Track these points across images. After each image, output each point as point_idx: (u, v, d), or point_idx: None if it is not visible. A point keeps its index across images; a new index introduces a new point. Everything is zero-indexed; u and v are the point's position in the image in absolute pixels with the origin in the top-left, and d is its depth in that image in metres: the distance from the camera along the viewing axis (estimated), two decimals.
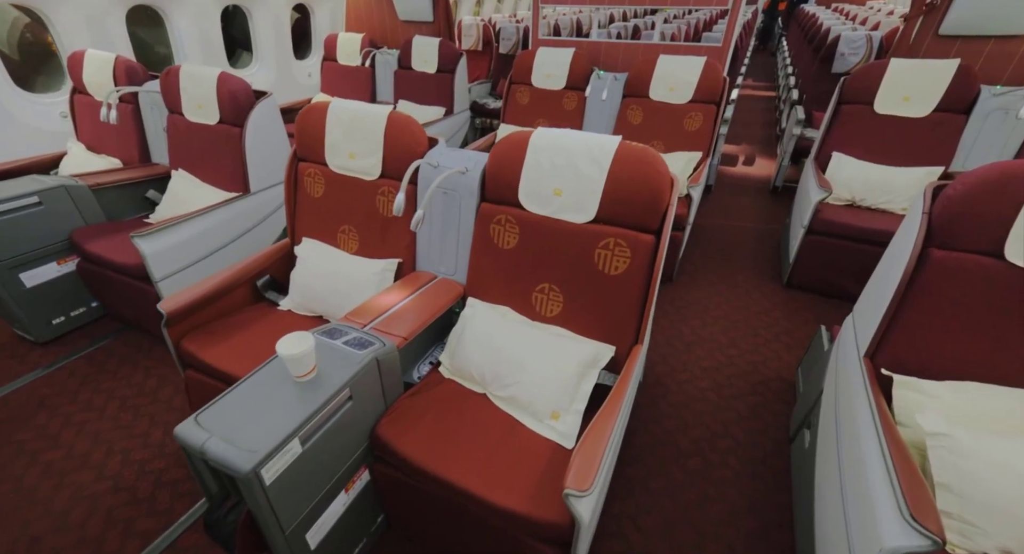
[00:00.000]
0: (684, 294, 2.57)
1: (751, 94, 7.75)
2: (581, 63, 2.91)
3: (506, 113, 3.21)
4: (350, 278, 1.59)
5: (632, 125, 2.82)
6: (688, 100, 2.67)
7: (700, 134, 2.68)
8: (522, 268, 1.43)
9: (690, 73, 2.61)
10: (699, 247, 3.03)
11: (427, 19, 3.65)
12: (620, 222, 1.28)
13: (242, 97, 2.08)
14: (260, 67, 3.68)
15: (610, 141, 1.26)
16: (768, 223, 3.36)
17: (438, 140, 1.61)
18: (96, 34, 2.61)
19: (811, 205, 2.33)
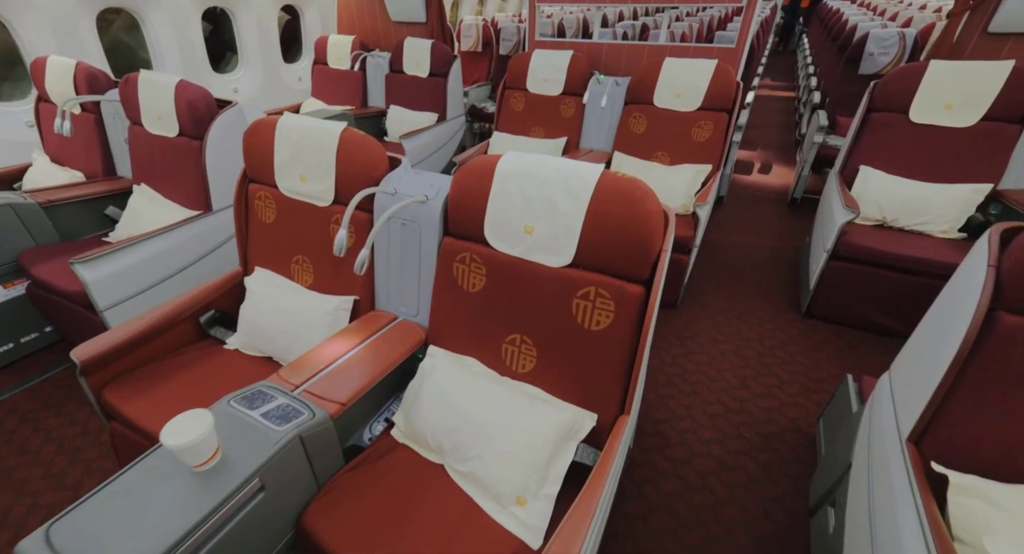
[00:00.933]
0: (689, 323, 2.33)
1: (768, 95, 7.41)
2: (580, 67, 2.68)
3: (500, 120, 3.00)
4: (300, 316, 1.40)
5: (634, 134, 2.58)
6: (697, 107, 2.42)
7: (710, 145, 2.43)
8: (490, 315, 1.21)
9: (699, 78, 2.36)
10: (708, 268, 2.78)
11: (420, 20, 3.45)
12: (603, 268, 1.06)
13: (202, 107, 1.90)
14: (246, 71, 3.52)
15: (590, 171, 1.04)
16: (785, 241, 3.08)
17: (401, 160, 1.40)
18: (63, 39, 2.46)
19: (835, 227, 2.07)
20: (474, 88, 4.26)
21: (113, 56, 2.82)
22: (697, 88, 2.38)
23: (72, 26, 2.47)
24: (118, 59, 3.32)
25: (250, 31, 3.36)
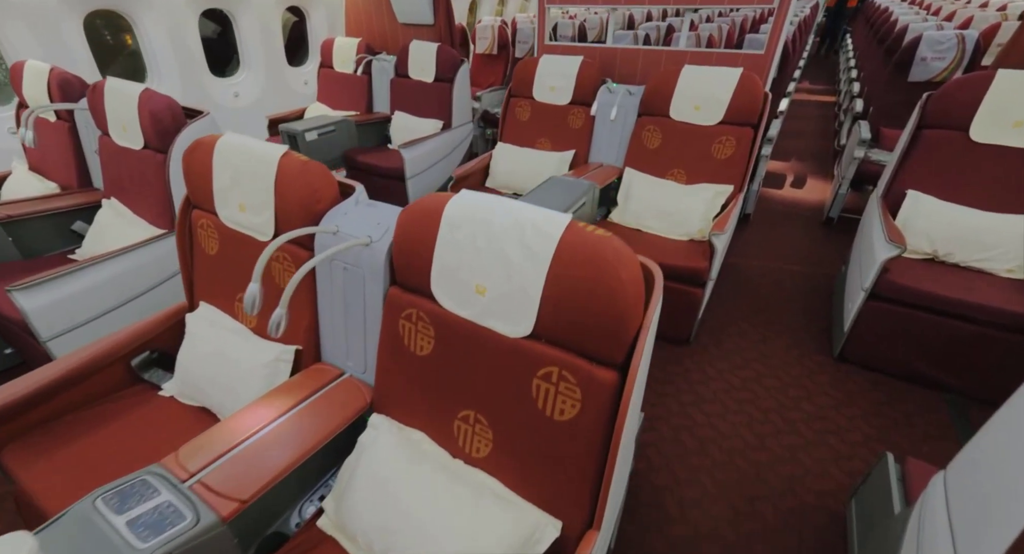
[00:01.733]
0: (702, 364, 2.06)
1: (806, 99, 6.95)
2: (590, 74, 2.43)
3: (504, 131, 2.78)
4: (236, 367, 1.22)
5: (648, 149, 2.32)
6: (718, 121, 2.15)
7: (732, 163, 2.15)
8: (440, 385, 1.00)
9: (721, 88, 2.09)
10: (727, 296, 2.49)
11: (427, 22, 3.27)
12: (568, 345, 0.83)
13: (166, 118, 1.76)
14: (247, 75, 3.41)
15: (553, 223, 0.81)
16: (818, 267, 2.76)
17: (355, 188, 1.21)
18: (47, 43, 2.37)
19: (875, 263, 1.77)
20: (488, 92, 4.06)
21: None
22: (718, 100, 2.11)
23: (56, 29, 2.38)
24: (121, 64, 3.27)
25: (251, 33, 3.25)
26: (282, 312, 0.93)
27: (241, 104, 3.39)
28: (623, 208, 2.30)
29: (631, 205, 2.26)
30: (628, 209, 2.27)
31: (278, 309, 0.93)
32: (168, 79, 2.93)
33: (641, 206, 2.23)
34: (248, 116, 3.41)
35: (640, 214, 2.23)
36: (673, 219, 2.16)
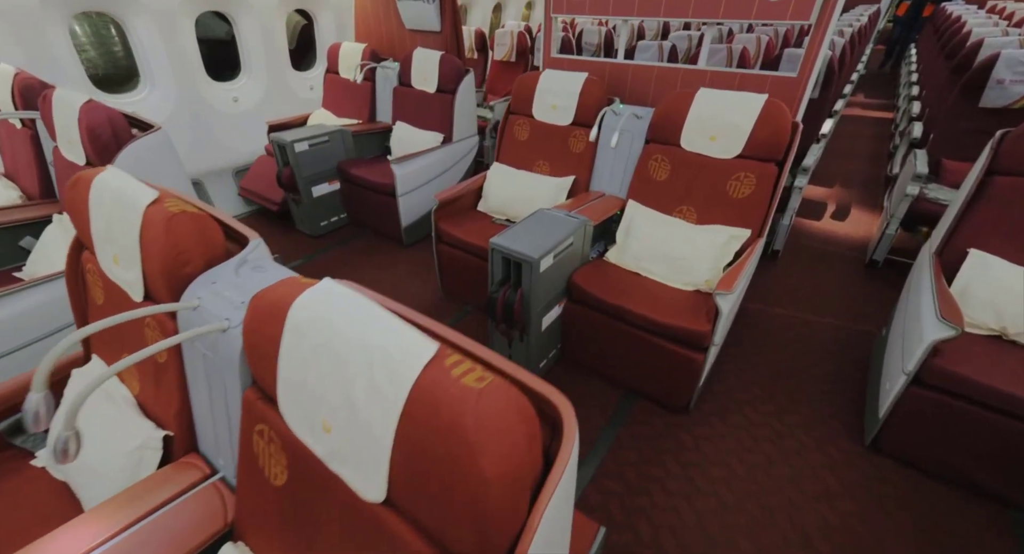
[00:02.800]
0: (701, 440, 1.75)
1: (859, 115, 6.36)
2: (595, 92, 2.15)
3: (501, 150, 2.53)
4: (101, 449, 1.02)
5: (654, 181, 2.02)
6: (736, 154, 1.83)
7: (751, 204, 1.83)
8: (296, 528, 0.76)
9: (741, 117, 1.77)
10: (742, 352, 2.16)
11: (434, 29, 3.06)
12: (428, 531, 0.57)
13: (105, 134, 1.61)
14: (247, 79, 3.29)
15: (410, 358, 0.55)
16: (855, 322, 2.38)
17: (251, 240, 0.99)
18: (28, 46, 2.29)
19: (921, 343, 1.42)
20: (503, 102, 3.82)
21: None
22: (738, 130, 1.78)
23: (40, 32, 2.30)
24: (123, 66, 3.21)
25: (252, 35, 3.12)
26: (68, 435, 0.70)
27: (241, 109, 3.27)
28: (622, 247, 2.01)
29: (631, 244, 1.97)
30: (627, 248, 1.98)
31: (62, 430, 0.70)
32: (161, 84, 2.83)
33: (642, 246, 1.93)
34: (247, 121, 3.29)
35: (640, 255, 1.93)
36: (678, 264, 1.85)
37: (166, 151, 1.77)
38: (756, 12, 1.81)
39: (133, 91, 2.82)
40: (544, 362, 1.99)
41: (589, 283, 1.82)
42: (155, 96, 2.86)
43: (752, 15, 1.82)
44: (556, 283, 1.81)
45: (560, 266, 1.78)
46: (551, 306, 1.83)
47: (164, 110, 2.89)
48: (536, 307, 1.72)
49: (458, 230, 2.23)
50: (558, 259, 1.74)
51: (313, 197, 2.99)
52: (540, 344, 1.87)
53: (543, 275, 1.67)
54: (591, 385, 1.98)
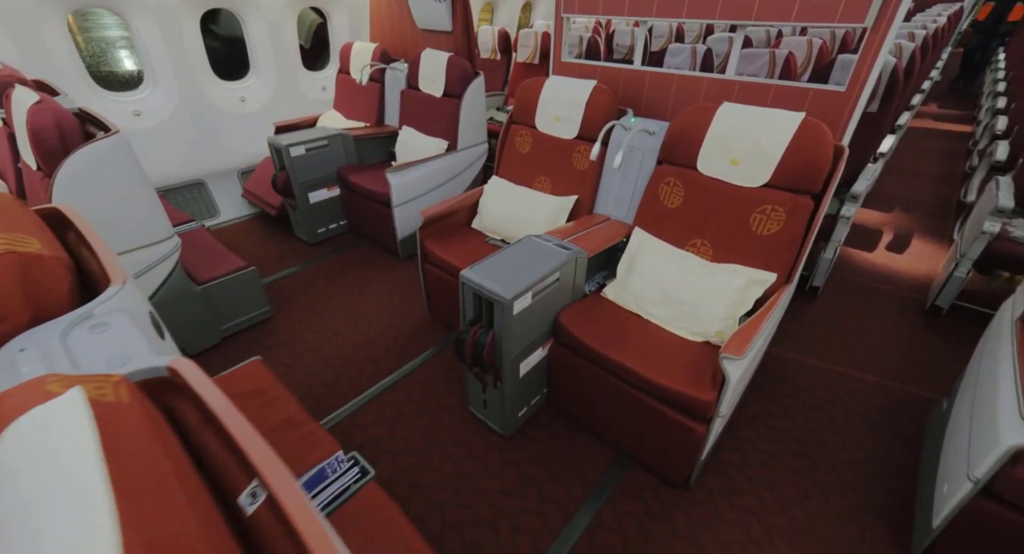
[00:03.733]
0: (699, 527, 1.45)
1: (929, 126, 5.69)
2: (603, 103, 1.87)
3: (501, 163, 2.29)
4: None
5: (665, 208, 1.72)
6: (763, 183, 1.51)
7: (779, 243, 1.50)
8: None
9: (770, 138, 1.45)
10: (761, 414, 1.82)
11: (445, 28, 2.85)
12: None
13: (50, 139, 1.49)
14: (256, 79, 3.20)
15: None
16: (907, 383, 1.99)
17: (110, 287, 0.80)
18: (24, 43, 2.25)
19: (996, 446, 1.08)
20: None
21: None
22: (765, 153, 1.47)
23: (34, 29, 2.25)
24: None
25: (260, 34, 3.03)
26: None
27: (248, 110, 3.19)
28: (623, 282, 1.72)
29: (633, 280, 1.68)
30: (629, 285, 1.69)
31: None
32: (163, 82, 2.77)
33: (646, 284, 1.64)
34: (254, 122, 3.20)
35: (643, 295, 1.64)
36: (685, 309, 1.56)
37: (123, 158, 1.64)
38: (797, 14, 1.48)
39: (135, 90, 2.77)
40: (524, 411, 1.74)
41: (578, 325, 1.55)
42: (157, 95, 2.80)
43: (792, 17, 1.50)
44: (538, 323, 1.56)
45: (543, 304, 1.52)
46: (532, 349, 1.58)
47: (166, 109, 2.83)
48: (510, 352, 1.48)
49: (445, 250, 2.01)
50: (540, 297, 1.48)
51: (310, 203, 2.86)
52: (518, 392, 1.63)
53: (518, 317, 1.43)
54: (577, 441, 1.71)
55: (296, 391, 1.91)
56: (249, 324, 2.26)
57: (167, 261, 1.86)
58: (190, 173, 3.08)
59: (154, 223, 1.80)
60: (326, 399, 1.89)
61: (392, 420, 1.80)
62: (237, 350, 2.15)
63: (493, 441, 1.71)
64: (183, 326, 1.99)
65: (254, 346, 2.17)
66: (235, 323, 2.20)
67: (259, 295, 2.25)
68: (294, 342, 2.19)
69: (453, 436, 1.74)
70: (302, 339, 2.21)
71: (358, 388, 1.94)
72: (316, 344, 2.18)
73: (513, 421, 1.70)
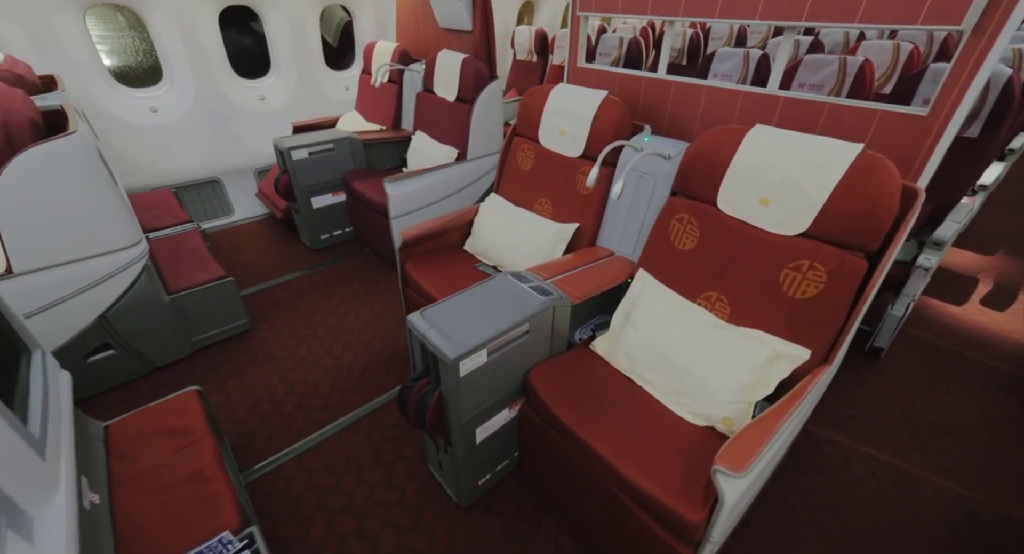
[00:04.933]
0: None
1: None
2: (614, 118, 1.56)
3: (501, 180, 2.03)
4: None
5: (676, 251, 1.39)
6: (800, 231, 1.15)
7: (816, 310, 1.13)
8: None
9: (813, 175, 1.09)
10: (789, 519, 1.44)
11: (465, 28, 2.63)
12: None
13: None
14: (276, 77, 3.13)
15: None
16: (996, 495, 1.52)
17: None
18: (37, 38, 2.26)
19: None
20: None
21: None
22: (805, 195, 1.10)
23: (47, 24, 2.25)
24: None
25: (281, 32, 2.94)
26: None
27: (268, 109, 3.13)
28: (616, 336, 1.41)
29: (628, 336, 1.36)
30: (623, 340, 1.37)
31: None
32: (180, 79, 2.74)
33: (643, 342, 1.32)
34: (274, 121, 3.14)
35: (637, 355, 1.32)
36: (687, 381, 1.22)
37: (81, 159, 1.54)
38: (865, 14, 1.11)
39: (154, 86, 2.76)
40: (488, 477, 1.47)
41: (550, 389, 1.27)
42: (174, 92, 2.78)
43: (856, 17, 1.12)
44: (502, 382, 1.29)
45: (509, 360, 1.25)
46: (493, 411, 1.31)
47: (183, 106, 2.81)
48: (460, 418, 1.22)
49: (425, 275, 1.78)
50: (502, 353, 1.21)
51: (312, 208, 2.73)
52: (475, 460, 1.36)
53: (468, 380, 1.16)
54: (546, 526, 1.41)
55: (249, 422, 1.76)
56: (225, 336, 2.14)
57: (131, 268, 1.76)
58: (206, 171, 3.05)
59: (117, 229, 1.70)
60: (278, 433, 1.72)
61: (342, 467, 1.59)
62: (207, 364, 2.03)
63: (447, 511, 1.46)
64: (149, 336, 1.89)
65: (224, 361, 2.04)
66: (209, 335, 2.09)
67: (236, 307, 2.12)
68: (265, 361, 2.04)
69: (403, 498, 1.50)
70: (273, 358, 2.06)
71: (316, 423, 1.75)
72: (287, 366, 2.02)
73: (471, 490, 1.44)
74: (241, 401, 1.84)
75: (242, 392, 1.88)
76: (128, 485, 1.16)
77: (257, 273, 2.68)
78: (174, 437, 1.30)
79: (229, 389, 1.90)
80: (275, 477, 1.56)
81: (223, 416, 1.78)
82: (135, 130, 2.71)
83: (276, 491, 1.52)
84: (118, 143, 2.67)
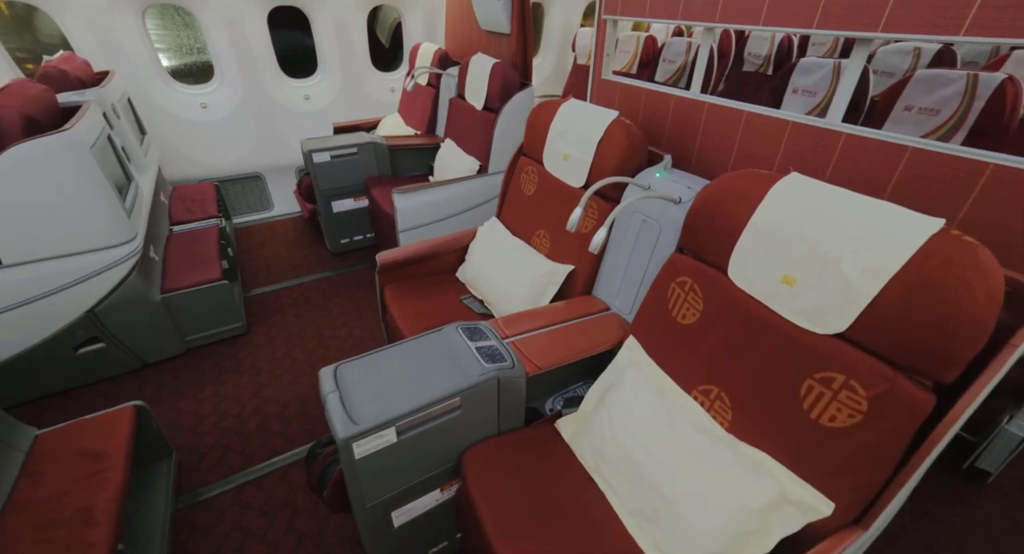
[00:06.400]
0: None
1: None
2: (621, 144, 1.26)
3: (504, 203, 1.78)
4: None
5: (674, 324, 1.06)
6: (835, 331, 0.79)
7: (848, 447, 0.77)
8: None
9: (858, 258, 0.73)
10: None
11: (503, 30, 2.40)
12: None
13: None
14: (322, 78, 3.12)
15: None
16: None
17: None
18: (101, 37, 2.39)
19: None
20: None
21: None
22: (846, 283, 0.75)
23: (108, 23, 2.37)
24: None
25: (326, 33, 2.91)
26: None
27: (311, 108, 3.13)
28: (586, 422, 1.12)
29: (599, 424, 1.06)
30: (592, 430, 1.08)
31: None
32: (230, 77, 2.80)
33: (614, 436, 1.01)
34: (317, 120, 3.14)
35: (605, 453, 1.02)
36: (656, 505, 0.91)
37: (70, 158, 1.53)
38: (971, 24, 0.73)
39: (206, 83, 2.85)
40: None
41: (484, 481, 1.02)
42: (224, 89, 2.84)
43: (962, 29, 0.74)
44: (424, 464, 1.06)
45: (432, 439, 1.02)
46: (413, 495, 1.09)
47: (231, 103, 2.87)
48: (362, 502, 1.01)
49: (400, 305, 1.59)
50: (420, 432, 0.98)
51: (332, 212, 2.67)
52: (395, 542, 1.14)
53: (368, 462, 0.95)
54: None
55: (208, 437, 1.68)
56: (218, 338, 2.11)
57: (120, 266, 1.75)
58: (249, 166, 3.12)
59: (106, 227, 1.70)
60: (231, 456, 1.62)
61: (278, 509, 1.45)
62: (194, 365, 2.00)
63: None
64: (139, 333, 1.89)
65: (210, 365, 2.01)
66: (202, 335, 2.07)
67: (231, 309, 2.08)
68: (247, 369, 1.98)
69: None
70: (255, 367, 1.99)
71: (268, 450, 1.63)
72: (265, 378, 1.94)
73: None
74: (209, 412, 1.78)
75: (214, 402, 1.82)
76: (22, 513, 1.09)
77: (275, 272, 2.67)
78: (90, 461, 1.23)
79: (204, 396, 1.85)
80: (208, 509, 1.46)
81: (186, 427, 1.72)
82: (185, 124, 2.81)
83: (203, 527, 1.41)
84: (169, 136, 2.78)
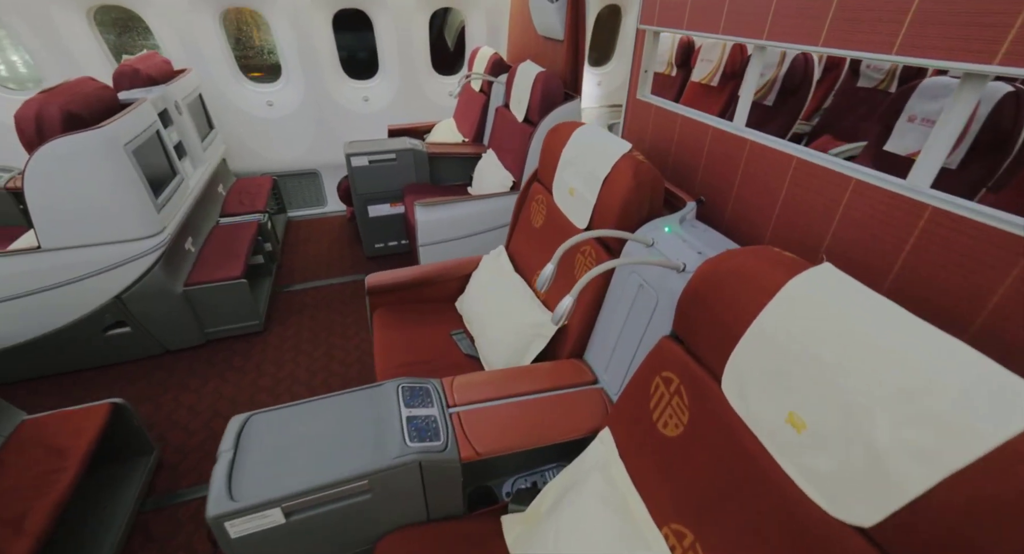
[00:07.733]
0: None
1: None
2: (626, 186, 1.01)
3: (513, 231, 1.58)
4: None
5: (654, 430, 0.81)
6: (859, 525, 0.50)
7: None
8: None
9: (890, 411, 0.44)
10: None
11: (557, 36, 2.18)
12: None
13: (28, 129, 1.56)
14: (382, 79, 3.11)
15: None
16: None
17: None
18: (183, 37, 2.55)
19: None
20: None
21: None
22: (869, 446, 0.46)
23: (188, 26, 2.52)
24: None
25: (387, 35, 2.89)
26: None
27: (369, 110, 3.15)
28: (529, 535, 0.90)
29: (545, 533, 0.84)
30: (536, 540, 0.87)
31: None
32: (295, 77, 2.88)
33: (559, 551, 0.80)
34: (373, 122, 3.15)
35: None
36: None
37: (103, 153, 1.60)
38: None
39: (274, 82, 2.96)
40: None
41: None
42: (289, 88, 2.94)
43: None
44: (324, 547, 0.91)
45: (335, 522, 0.87)
46: None
47: (294, 101, 2.96)
48: None
49: (385, 333, 1.48)
50: (318, 514, 0.84)
51: (368, 216, 2.64)
52: None
53: (248, 543, 0.82)
54: None
55: (196, 437, 1.69)
56: (235, 333, 2.16)
57: (145, 258, 1.82)
58: (308, 162, 3.21)
59: (135, 220, 1.77)
60: (207, 462, 1.60)
61: None
62: (208, 357, 2.06)
63: None
64: (161, 321, 1.97)
65: (222, 359, 2.05)
66: (220, 329, 2.12)
67: (248, 307, 2.11)
68: (251, 370, 1.99)
69: None
70: (258, 370, 1.99)
71: None
72: (265, 382, 1.93)
73: None
74: (204, 410, 1.80)
75: (211, 399, 1.84)
76: None
77: (310, 269, 2.71)
78: (53, 457, 1.25)
79: (205, 392, 1.88)
80: (170, 517, 1.44)
81: (180, 422, 1.75)
82: (253, 120, 2.94)
83: (158, 537, 1.39)
84: (237, 131, 2.94)
